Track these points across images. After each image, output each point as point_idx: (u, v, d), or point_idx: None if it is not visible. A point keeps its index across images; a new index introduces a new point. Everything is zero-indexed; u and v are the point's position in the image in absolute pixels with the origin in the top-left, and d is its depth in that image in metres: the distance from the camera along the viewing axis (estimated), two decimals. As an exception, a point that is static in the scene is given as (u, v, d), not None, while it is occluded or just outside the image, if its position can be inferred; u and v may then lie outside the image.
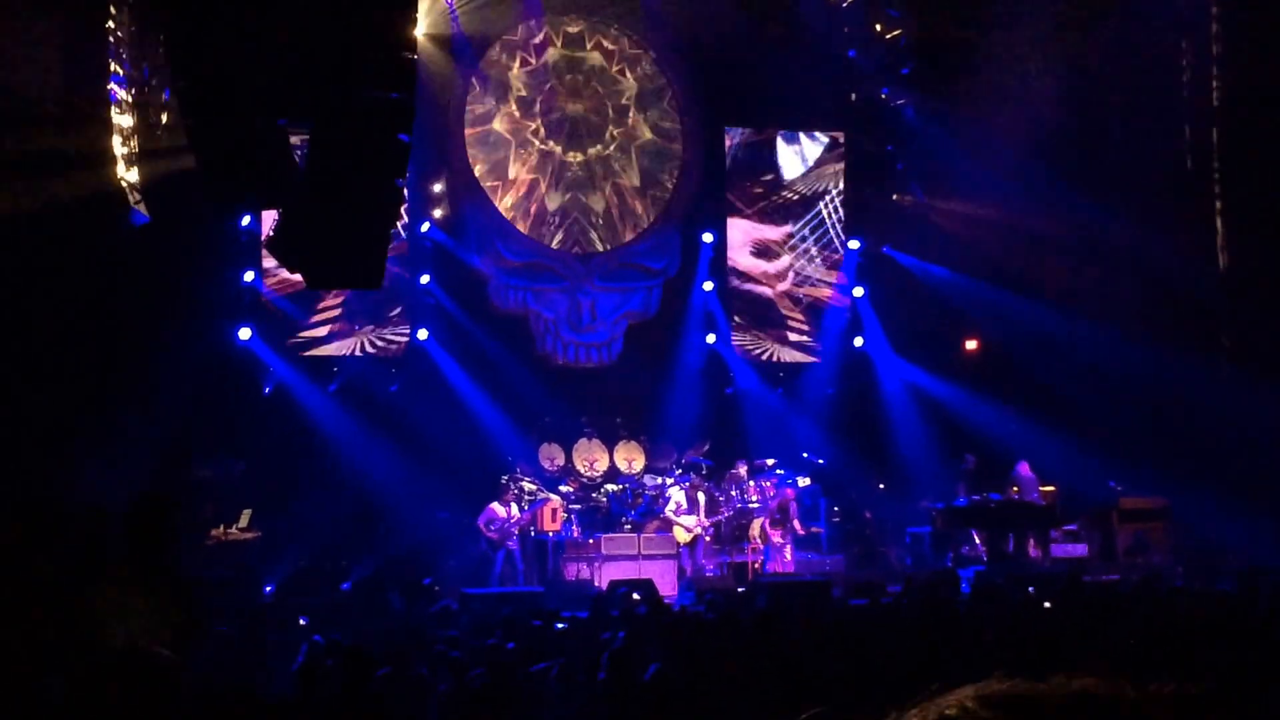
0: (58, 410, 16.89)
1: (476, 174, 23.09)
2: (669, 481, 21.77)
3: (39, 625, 5.40)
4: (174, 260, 18.68)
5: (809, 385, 24.48)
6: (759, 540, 20.69)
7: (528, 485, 20.88)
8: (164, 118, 18.42)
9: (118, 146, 17.76)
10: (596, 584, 18.74)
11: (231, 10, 9.45)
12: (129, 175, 17.91)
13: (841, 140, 25.07)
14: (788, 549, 20.66)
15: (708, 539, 20.72)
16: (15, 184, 16.33)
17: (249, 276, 21.00)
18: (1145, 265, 21.97)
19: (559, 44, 23.72)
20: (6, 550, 5.66)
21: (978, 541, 20.87)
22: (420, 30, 18.86)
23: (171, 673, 4.35)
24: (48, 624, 5.44)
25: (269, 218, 17.47)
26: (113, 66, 17.92)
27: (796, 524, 20.91)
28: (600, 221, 23.78)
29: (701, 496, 20.82)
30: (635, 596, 15.70)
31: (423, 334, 22.09)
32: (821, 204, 24.93)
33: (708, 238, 24.20)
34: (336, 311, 21.84)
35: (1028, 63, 22.53)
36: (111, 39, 17.90)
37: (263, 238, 19.29)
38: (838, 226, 24.91)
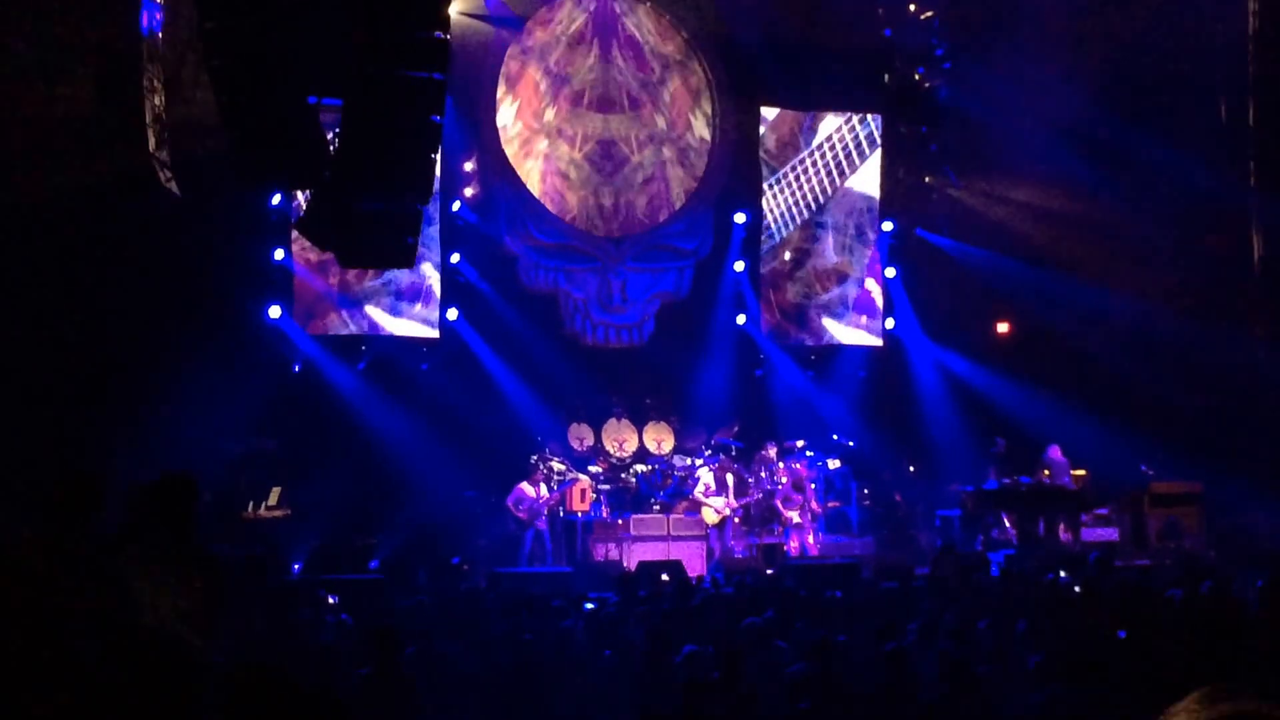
0: (88, 388, 16.94)
1: (508, 153, 23.02)
2: (698, 462, 21.73)
3: (73, 601, 5.40)
4: (204, 238, 18.69)
5: (839, 367, 24.40)
6: (782, 522, 20.62)
7: (557, 465, 20.85)
8: (196, 96, 18.43)
9: (150, 124, 17.78)
10: (625, 564, 18.74)
11: (264, -12, 9.46)
12: (160, 154, 17.93)
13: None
14: (810, 531, 20.59)
15: (737, 520, 20.68)
16: (49, 162, 16.38)
17: (279, 255, 20.97)
18: (1179, 248, 21.82)
19: (593, 24, 23.62)
20: (48, 524, 5.67)
21: (1008, 525, 20.75)
22: (454, 7, 18.85)
23: (198, 656, 4.34)
24: (82, 600, 5.43)
25: (301, 196, 17.49)
26: (146, 45, 17.93)
27: (814, 503, 20.86)
28: (632, 201, 23.70)
29: (731, 478, 20.79)
30: (664, 578, 15.68)
31: (452, 313, 22.05)
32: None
33: (740, 218, 24.10)
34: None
35: (1061, 42, 22.37)
36: (144, 17, 17.90)
37: (293, 217, 19.32)
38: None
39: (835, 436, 22.91)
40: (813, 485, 21.14)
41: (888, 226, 24.70)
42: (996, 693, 8.95)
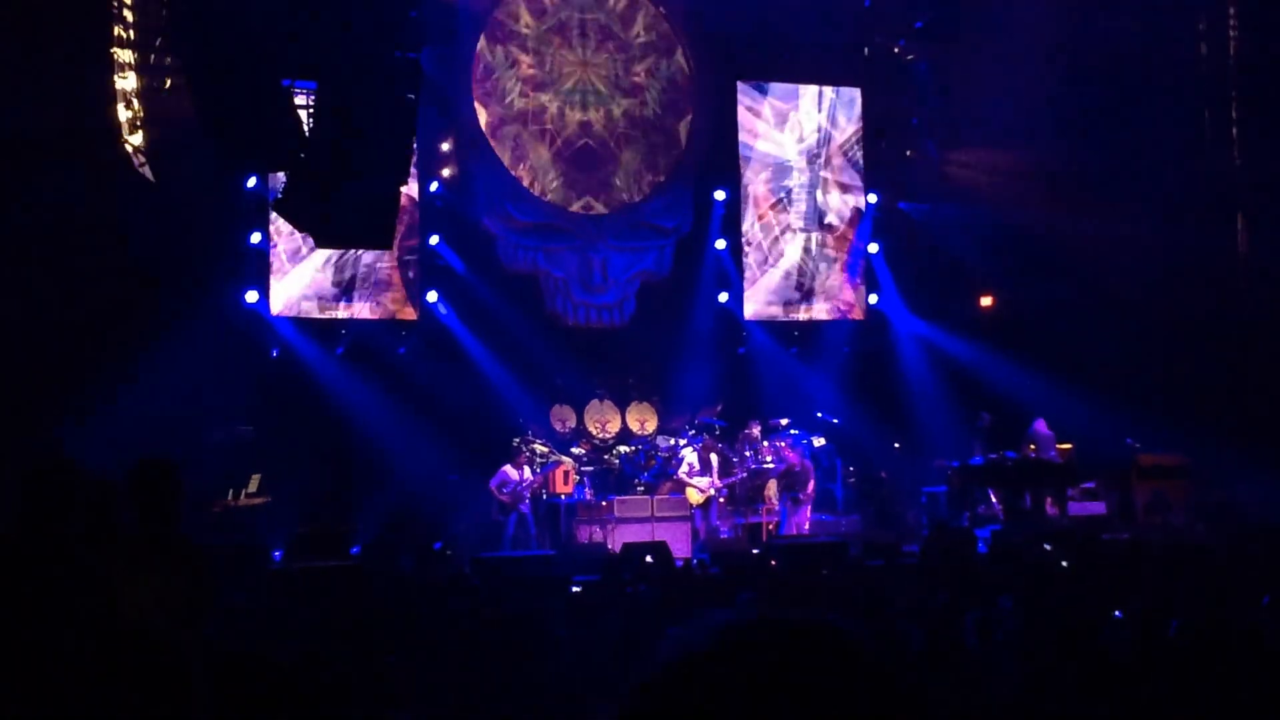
0: (65, 376, 16.78)
1: (485, 131, 22.85)
2: (682, 443, 21.60)
3: (53, 597, 5.27)
4: (179, 223, 18.51)
5: (823, 344, 24.30)
6: (774, 501, 20.56)
7: (539, 447, 20.72)
8: (168, 80, 18.26)
9: (122, 110, 17.62)
10: (610, 546, 18.62)
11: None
12: (134, 139, 17.76)
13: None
14: (805, 510, 20.51)
15: (721, 500, 20.59)
16: (20, 149, 16.20)
17: (256, 238, 20.81)
18: (1162, 218, 21.75)
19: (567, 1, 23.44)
20: (21, 516, 5.53)
21: (994, 500, 20.68)
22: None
23: (181, 649, 4.21)
24: (61, 596, 5.31)
25: (277, 178, 17.33)
26: (116, 29, 17.74)
27: (811, 484, 20.77)
28: (611, 179, 23.54)
29: (715, 458, 20.67)
30: (648, 559, 15.59)
31: (432, 296, 21.91)
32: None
33: (720, 195, 23.98)
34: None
35: (1042, 10, 22.26)
36: (114, 1, 17.71)
37: (270, 198, 19.15)
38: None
39: (820, 414, 22.79)
40: (808, 462, 21.04)
41: (871, 199, 24.63)
42: (984, 668, 8.87)
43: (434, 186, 22.17)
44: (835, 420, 22.73)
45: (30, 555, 5.39)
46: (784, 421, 21.94)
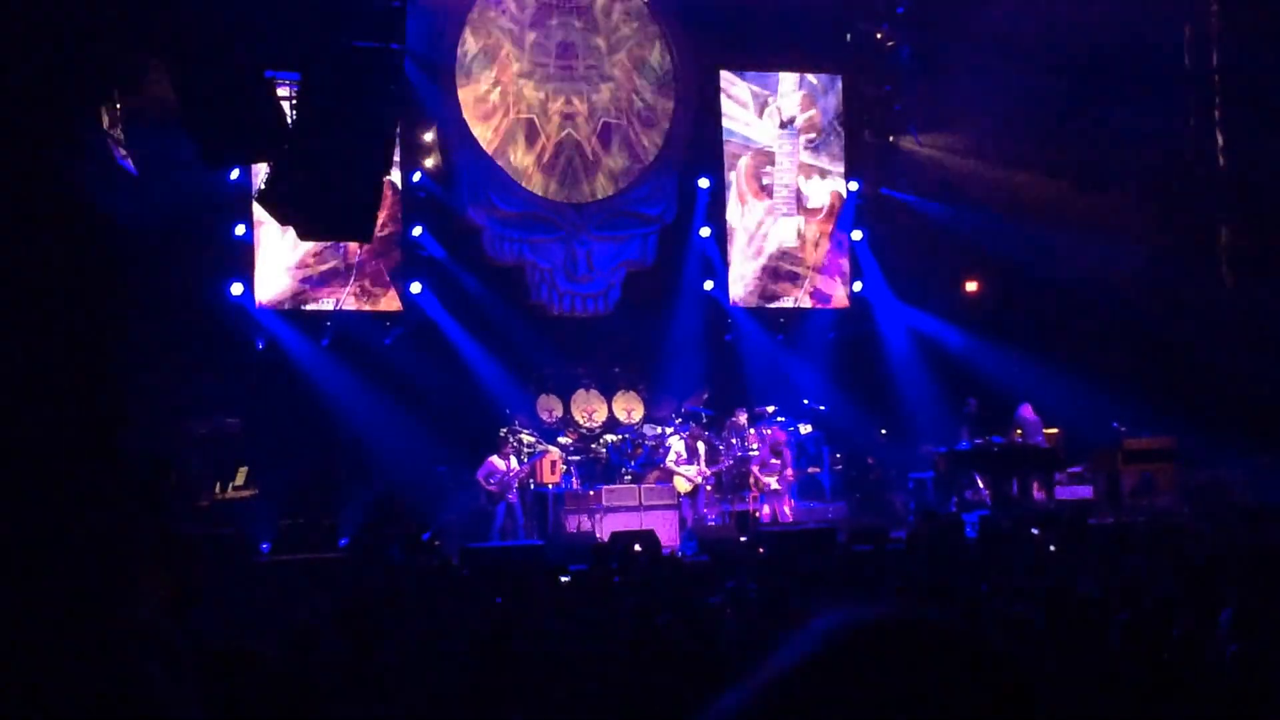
0: (46, 369, 16.69)
1: (467, 121, 22.76)
2: (669, 431, 21.62)
3: (50, 590, 5.26)
4: (162, 215, 18.42)
5: (809, 331, 24.29)
6: (759, 488, 20.56)
7: (526, 437, 20.71)
8: (149, 71, 18.14)
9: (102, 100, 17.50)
10: (598, 536, 18.61)
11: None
12: (115, 130, 17.66)
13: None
14: (787, 498, 20.52)
15: (709, 488, 20.58)
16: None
17: (240, 230, 20.74)
18: (1146, 201, 21.77)
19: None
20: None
21: (981, 486, 20.72)
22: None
23: (168, 641, 4.19)
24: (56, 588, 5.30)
25: (260, 170, 17.26)
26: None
27: (789, 471, 20.76)
28: (593, 168, 23.48)
29: (702, 446, 20.68)
30: (637, 548, 15.59)
31: (416, 287, 21.83)
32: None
33: (704, 183, 23.91)
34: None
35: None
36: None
37: (254, 190, 19.07)
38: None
39: (806, 401, 22.81)
40: (789, 450, 21.05)
41: (853, 186, 24.60)
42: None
43: (416, 177, 22.11)
44: (822, 407, 22.76)
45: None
46: (770, 409, 21.96)
